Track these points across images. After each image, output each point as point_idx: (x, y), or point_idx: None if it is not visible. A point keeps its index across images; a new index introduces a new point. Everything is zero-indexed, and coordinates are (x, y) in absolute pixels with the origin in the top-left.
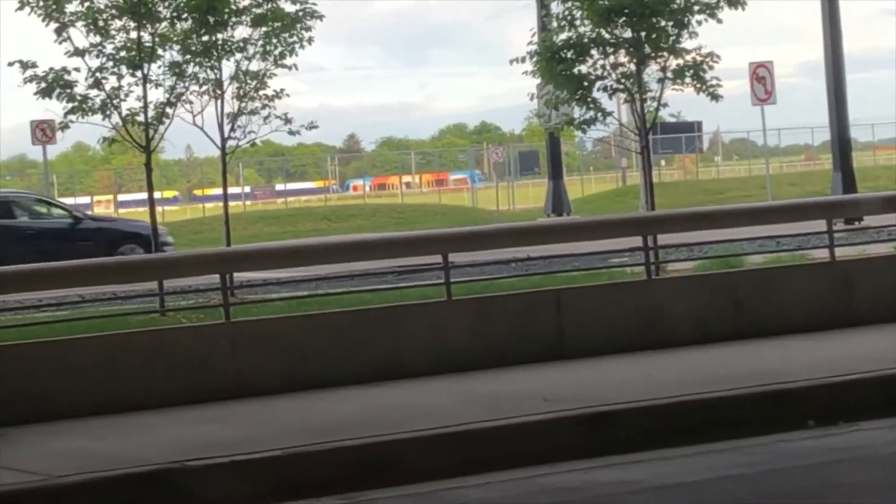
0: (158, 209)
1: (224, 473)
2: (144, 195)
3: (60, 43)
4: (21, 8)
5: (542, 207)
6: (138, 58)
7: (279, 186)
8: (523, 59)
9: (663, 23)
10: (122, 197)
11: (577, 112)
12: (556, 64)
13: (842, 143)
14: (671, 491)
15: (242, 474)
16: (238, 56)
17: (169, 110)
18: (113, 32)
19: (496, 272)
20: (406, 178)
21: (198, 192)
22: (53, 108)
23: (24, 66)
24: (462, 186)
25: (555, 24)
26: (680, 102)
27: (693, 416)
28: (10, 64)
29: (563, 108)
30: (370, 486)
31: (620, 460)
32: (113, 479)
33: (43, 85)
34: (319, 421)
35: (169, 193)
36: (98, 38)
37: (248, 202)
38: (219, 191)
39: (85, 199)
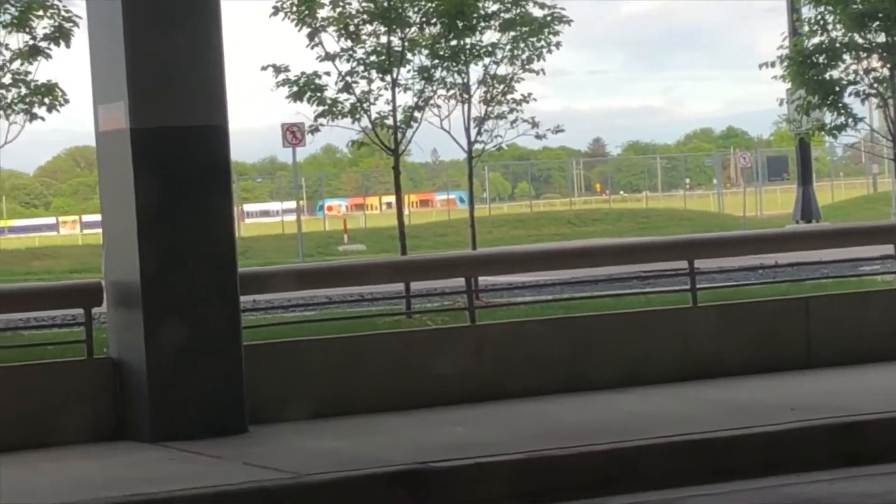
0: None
1: (467, 475)
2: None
3: (312, 48)
4: (275, 14)
5: (790, 214)
6: (388, 62)
7: (247, 206)
8: (773, 64)
9: None
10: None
11: (829, 117)
12: (807, 68)
13: None
14: None
15: (486, 477)
16: (486, 60)
17: (417, 114)
18: (364, 37)
19: (743, 279)
20: (386, 199)
21: None
22: (304, 112)
23: (277, 70)
24: (451, 208)
25: (806, 28)
26: None
27: None
28: (264, 68)
29: (814, 114)
30: (612, 491)
31: (868, 472)
32: (359, 478)
33: (295, 89)
34: (562, 425)
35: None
36: (349, 43)
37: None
38: None
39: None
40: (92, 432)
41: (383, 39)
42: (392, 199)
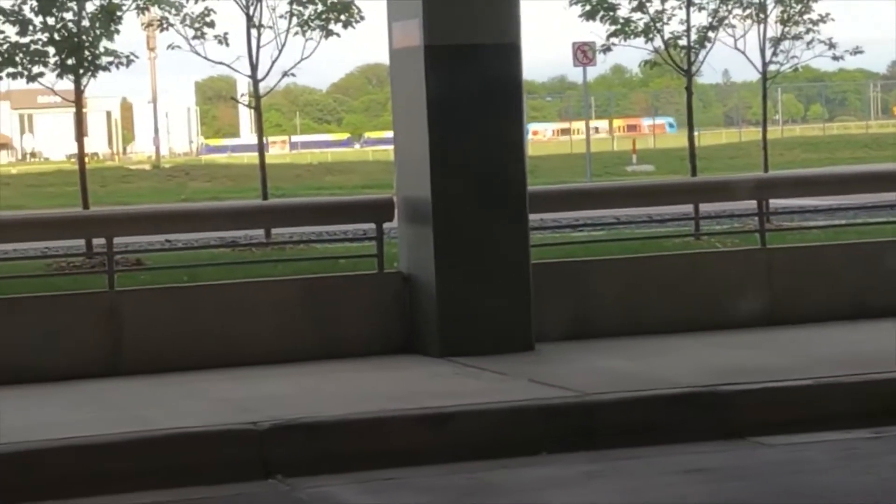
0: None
1: (755, 400)
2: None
3: None
4: None
5: None
6: None
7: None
8: None
9: None
10: None
11: None
12: None
13: None
14: None
15: (774, 402)
16: None
17: (711, 34)
18: None
19: None
20: (594, 123)
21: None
22: (596, 31)
23: None
24: (658, 133)
25: None
26: None
27: None
28: None
29: None
30: None
31: None
32: (644, 399)
33: (588, 7)
34: (854, 351)
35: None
36: None
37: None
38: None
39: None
40: (381, 345)
41: None
42: (600, 123)
